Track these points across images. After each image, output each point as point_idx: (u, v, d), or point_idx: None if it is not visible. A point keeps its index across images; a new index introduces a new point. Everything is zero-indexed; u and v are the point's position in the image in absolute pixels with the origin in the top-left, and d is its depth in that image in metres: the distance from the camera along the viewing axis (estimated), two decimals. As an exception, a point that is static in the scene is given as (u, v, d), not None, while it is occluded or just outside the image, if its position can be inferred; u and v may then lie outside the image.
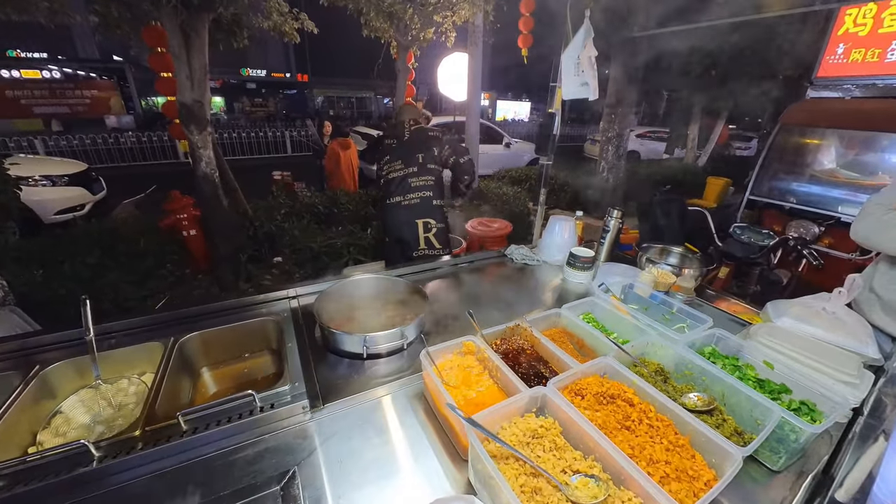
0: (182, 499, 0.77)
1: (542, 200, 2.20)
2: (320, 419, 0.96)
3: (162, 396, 1.00)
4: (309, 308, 1.42)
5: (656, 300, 1.45)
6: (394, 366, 1.18)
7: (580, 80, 1.83)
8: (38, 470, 0.80)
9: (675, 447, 0.79)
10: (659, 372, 1.08)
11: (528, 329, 1.12)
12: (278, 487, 0.77)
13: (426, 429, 0.95)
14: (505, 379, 0.93)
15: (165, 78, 3.57)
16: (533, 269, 1.92)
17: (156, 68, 3.62)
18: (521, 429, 0.80)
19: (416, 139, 2.37)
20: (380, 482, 0.82)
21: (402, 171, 2.31)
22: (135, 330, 1.26)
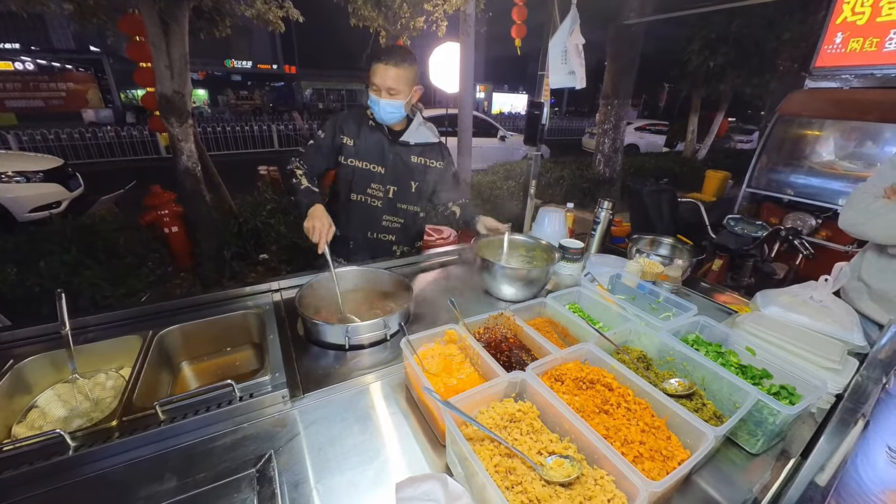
0: (159, 484, 0.77)
1: (532, 193, 2.19)
2: (300, 408, 0.96)
3: (140, 389, 0.99)
4: (292, 301, 1.41)
5: (643, 290, 1.45)
6: (377, 357, 1.17)
7: (567, 68, 1.81)
8: (13, 459, 0.80)
9: (650, 428, 0.79)
10: (641, 359, 1.08)
11: (511, 318, 1.12)
12: (254, 470, 0.77)
13: (407, 416, 0.95)
14: (485, 366, 0.93)
15: (144, 68, 3.49)
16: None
17: (134, 58, 3.54)
18: (498, 413, 0.80)
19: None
20: (360, 467, 0.82)
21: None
22: (112, 324, 1.25)
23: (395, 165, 1.79)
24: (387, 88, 1.56)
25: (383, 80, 1.55)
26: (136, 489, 0.76)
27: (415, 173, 1.82)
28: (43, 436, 0.84)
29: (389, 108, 1.62)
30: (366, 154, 1.76)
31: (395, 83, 1.55)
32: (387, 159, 1.77)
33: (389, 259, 1.84)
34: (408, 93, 1.61)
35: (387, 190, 1.81)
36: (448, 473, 0.79)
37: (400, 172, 1.80)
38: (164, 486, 0.76)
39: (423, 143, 1.80)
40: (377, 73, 1.55)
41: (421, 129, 1.80)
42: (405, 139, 1.76)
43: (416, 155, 1.80)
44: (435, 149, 1.85)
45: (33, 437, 0.84)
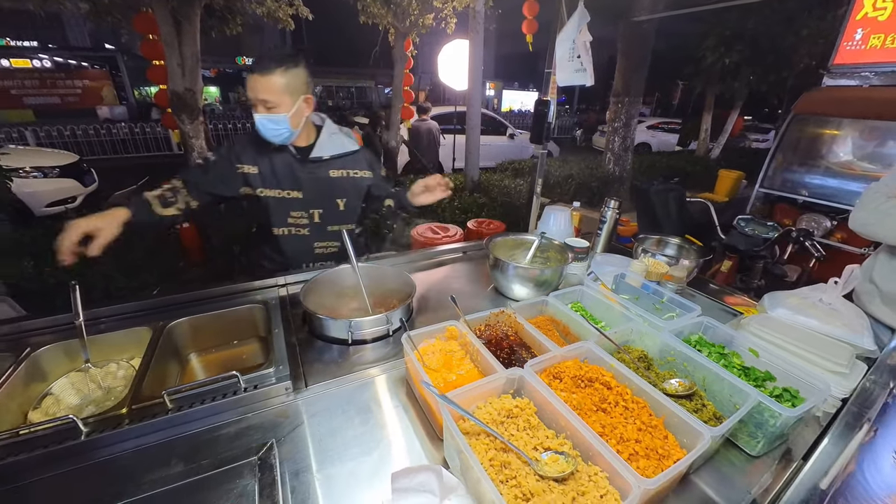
0: (166, 469, 0.80)
1: (538, 191, 2.19)
2: (303, 399, 0.98)
3: (149, 379, 1.02)
4: (297, 296, 1.44)
5: (648, 290, 1.44)
6: (379, 352, 1.19)
7: (575, 65, 1.80)
8: (28, 443, 0.83)
9: (647, 427, 0.79)
10: (642, 358, 1.07)
11: (512, 315, 1.13)
12: (256, 458, 0.79)
13: (407, 410, 0.97)
14: (484, 362, 0.94)
15: (157, 66, 3.56)
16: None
17: (147, 56, 3.61)
18: (495, 408, 0.81)
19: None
20: (360, 458, 0.83)
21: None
22: (124, 315, 1.28)
23: (314, 186, 1.57)
24: (261, 101, 1.36)
25: (254, 91, 1.35)
26: (143, 473, 0.79)
27: (338, 190, 1.61)
28: (56, 421, 0.87)
29: (270, 125, 1.40)
30: (275, 181, 1.54)
31: (268, 94, 1.34)
32: (301, 182, 1.55)
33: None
34: (290, 103, 1.39)
35: (311, 215, 1.60)
36: (445, 466, 0.80)
37: (321, 193, 1.59)
38: (170, 471, 0.79)
39: (341, 154, 1.60)
40: (248, 85, 1.36)
41: (335, 138, 1.60)
42: (317, 154, 1.55)
43: (337, 169, 1.60)
44: (357, 157, 1.64)
45: (47, 423, 0.87)
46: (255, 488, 0.72)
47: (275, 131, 1.42)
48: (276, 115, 1.38)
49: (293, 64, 1.37)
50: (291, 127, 1.43)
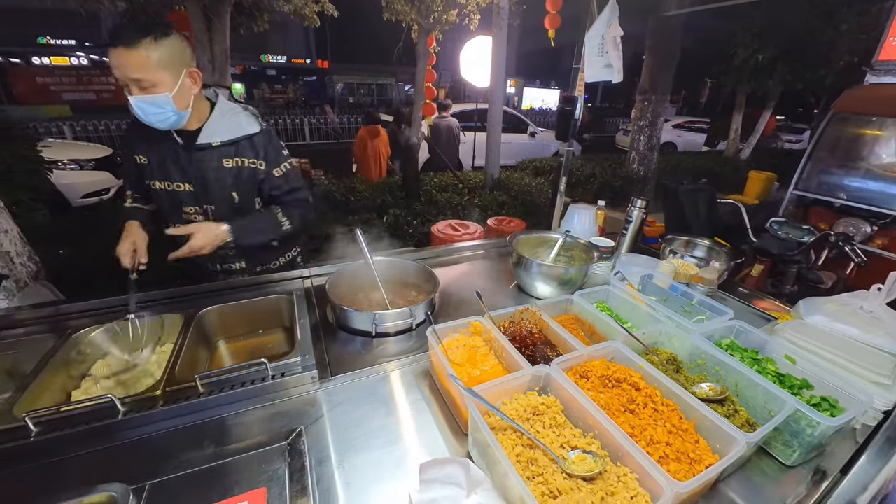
0: (198, 450, 0.82)
1: (562, 190, 2.15)
2: (328, 389, 0.99)
3: (181, 364, 1.06)
4: (322, 287, 1.46)
5: (676, 291, 1.40)
6: (402, 345, 1.20)
7: (604, 61, 1.76)
8: (70, 420, 0.87)
9: (678, 430, 0.77)
10: (671, 361, 1.05)
11: (537, 313, 1.12)
12: (285, 443, 0.81)
13: (430, 404, 0.97)
14: (509, 358, 0.93)
15: (188, 62, 3.68)
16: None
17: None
18: (521, 405, 0.80)
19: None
20: (382, 448, 0.84)
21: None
22: (157, 302, 1.33)
23: (202, 177, 1.36)
24: (133, 81, 1.13)
25: (122, 69, 1.12)
26: (177, 453, 0.82)
27: (231, 181, 1.38)
28: (96, 400, 0.91)
29: (151, 108, 1.18)
30: (163, 172, 1.35)
31: (140, 71, 1.12)
32: (189, 173, 1.35)
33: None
34: (171, 81, 1.17)
35: (204, 211, 1.41)
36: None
37: (211, 185, 1.37)
38: (202, 452, 0.81)
39: (235, 140, 1.35)
40: (112, 64, 1.13)
41: (229, 118, 1.36)
42: (204, 140, 1.32)
43: (230, 157, 1.36)
44: (254, 143, 1.38)
45: (88, 401, 0.91)
46: (285, 472, 0.73)
47: (159, 115, 1.21)
48: (156, 95, 1.16)
49: (163, 34, 1.14)
50: (178, 108, 1.22)
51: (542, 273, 1.43)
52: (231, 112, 1.38)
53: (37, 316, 1.29)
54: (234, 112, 1.39)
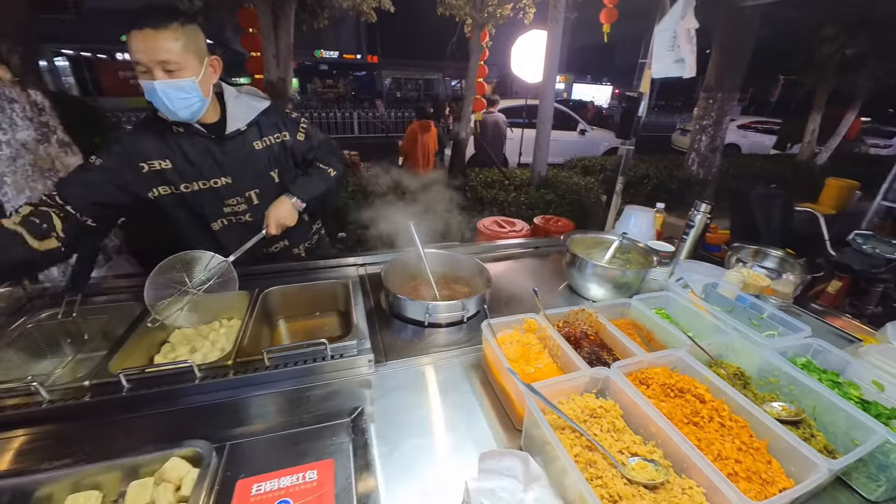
0: (267, 419, 0.89)
1: (619, 190, 2.07)
2: (382, 373, 1.03)
3: (248, 338, 1.14)
4: (375, 277, 1.51)
5: (744, 303, 1.31)
6: (453, 337, 1.21)
7: (674, 55, 1.67)
8: (156, 380, 0.97)
9: (748, 448, 0.73)
10: (738, 375, 0.99)
11: (593, 314, 1.09)
12: (348, 419, 0.85)
13: (480, 397, 0.98)
14: (566, 357, 0.92)
15: (255, 57, 3.89)
16: (602, 258, 1.84)
17: (247, 48, 3.94)
18: (579, 405, 0.79)
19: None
20: (432, 436, 0.86)
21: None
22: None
23: (241, 166, 1.36)
24: (159, 64, 1.09)
25: (148, 52, 1.07)
26: (247, 418, 0.88)
27: (268, 161, 1.41)
28: (178, 364, 1.00)
29: (177, 94, 1.14)
30: (195, 172, 1.31)
31: (168, 53, 1.08)
32: (226, 165, 1.33)
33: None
34: (197, 65, 1.15)
35: (248, 198, 1.40)
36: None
37: (250, 171, 1.38)
38: (271, 421, 0.87)
39: (256, 120, 1.37)
40: (135, 47, 1.08)
41: (241, 101, 1.36)
42: (234, 127, 1.32)
43: (257, 139, 1.37)
44: (270, 115, 1.41)
45: (170, 365, 1.00)
46: (349, 447, 0.77)
47: (184, 101, 1.16)
48: (183, 79, 1.13)
49: (188, 19, 1.14)
50: (203, 94, 1.20)
51: (597, 274, 1.39)
52: (237, 96, 1.37)
53: (125, 285, 1.42)
54: (239, 95, 1.37)
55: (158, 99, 1.14)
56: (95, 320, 1.29)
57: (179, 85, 1.13)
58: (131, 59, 1.11)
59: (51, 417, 0.90)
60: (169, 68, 1.11)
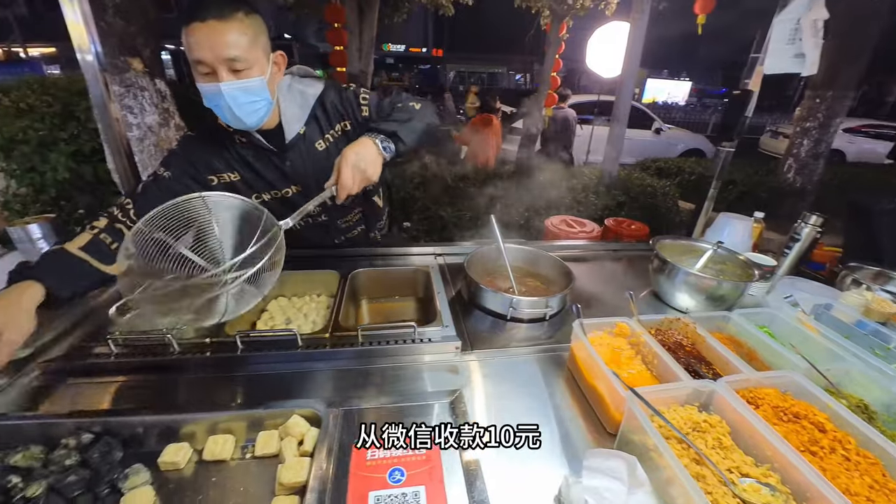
0: (363, 391, 0.95)
1: (712, 194, 1.93)
2: (469, 361, 1.06)
3: (340, 314, 1.22)
4: (453, 267, 1.55)
5: (865, 328, 1.17)
6: (533, 333, 1.21)
7: (794, 50, 1.51)
8: (264, 343, 1.07)
9: (882, 488, 0.66)
10: (861, 408, 0.89)
11: (690, 325, 1.03)
12: (447, 401, 0.89)
13: (565, 396, 0.97)
14: (663, 366, 0.88)
15: (337, 51, 4.10)
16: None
17: (332, 42, 4.15)
18: (680, 416, 0.76)
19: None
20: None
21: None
22: (315, 258, 1.52)
23: (307, 174, 1.26)
24: (224, 63, 0.95)
25: (213, 48, 0.93)
26: (346, 388, 0.95)
27: (333, 155, 1.14)
28: (284, 332, 1.10)
29: (244, 99, 1.01)
30: (265, 183, 1.24)
31: (236, 48, 0.94)
32: (292, 176, 1.25)
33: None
34: (264, 63, 1.03)
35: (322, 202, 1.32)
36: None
37: (317, 178, 1.21)
38: (368, 392, 0.94)
39: (311, 114, 1.22)
40: (198, 43, 0.93)
41: (293, 92, 1.20)
42: (291, 135, 1.20)
43: (318, 138, 1.25)
44: (327, 98, 1.23)
45: (279, 331, 1.11)
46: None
47: (252, 106, 1.04)
48: (251, 79, 1.00)
49: (251, 8, 1.00)
50: (270, 96, 1.08)
51: (689, 283, 1.32)
52: (289, 86, 1.20)
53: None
54: (290, 85, 1.20)
55: (224, 104, 1.00)
56: (211, 285, 1.45)
57: (247, 86, 1.00)
58: (191, 58, 0.96)
59: (179, 367, 1.03)
60: (236, 67, 0.97)
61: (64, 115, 3.01)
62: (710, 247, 1.48)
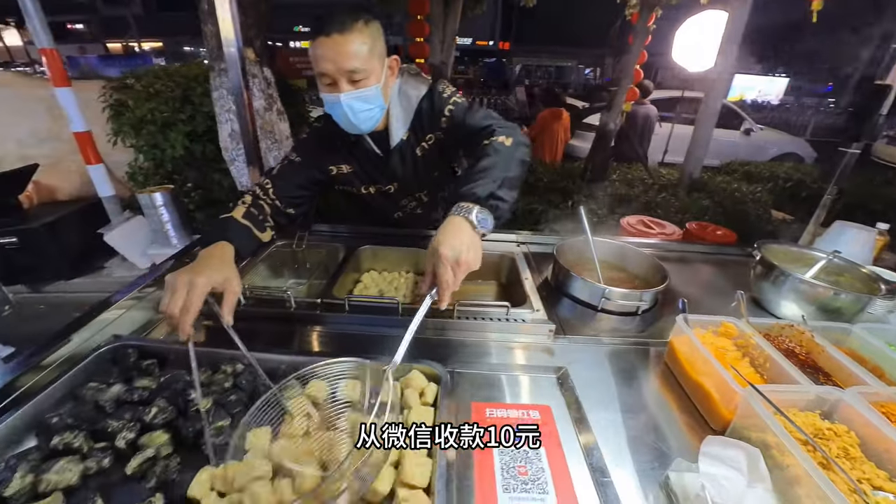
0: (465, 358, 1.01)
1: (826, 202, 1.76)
2: (562, 345, 1.08)
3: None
4: (537, 255, 1.57)
5: None
6: (624, 326, 1.20)
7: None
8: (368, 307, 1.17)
9: None
10: None
11: (807, 333, 0.98)
12: (555, 376, 0.93)
13: (663, 389, 0.96)
14: (778, 370, 0.85)
15: (418, 43, 4.22)
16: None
17: (413, 34, 4.29)
18: (801, 421, 0.74)
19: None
20: (626, 414, 0.87)
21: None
22: (407, 237, 1.60)
23: (405, 175, 1.37)
24: (345, 74, 1.02)
25: (332, 61, 1.00)
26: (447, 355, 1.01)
27: (428, 166, 1.38)
28: (387, 299, 1.20)
29: (360, 106, 1.08)
30: (369, 177, 1.36)
31: (355, 59, 1.00)
32: (392, 175, 1.35)
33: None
34: (379, 70, 1.07)
35: (418, 199, 1.49)
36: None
37: (415, 179, 1.40)
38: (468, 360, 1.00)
39: (415, 118, 1.26)
40: (322, 55, 1.01)
41: (402, 96, 1.24)
42: (397, 138, 1.26)
43: (418, 143, 1.31)
44: (426, 103, 1.24)
45: (384, 299, 1.21)
46: (562, 400, 0.85)
47: (367, 114, 1.12)
48: (367, 88, 1.06)
49: (371, 16, 1.04)
50: (384, 102, 1.15)
51: (800, 291, 1.23)
52: (399, 89, 1.24)
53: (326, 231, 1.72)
54: (398, 87, 1.24)
55: (341, 112, 1.09)
56: (316, 252, 1.60)
57: (364, 95, 1.07)
58: (316, 70, 1.04)
59: (294, 319, 1.17)
60: (355, 78, 1.03)
61: (182, 99, 3.41)
62: (825, 255, 1.36)
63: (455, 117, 1.23)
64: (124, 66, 15.11)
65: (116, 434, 0.69)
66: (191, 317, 0.79)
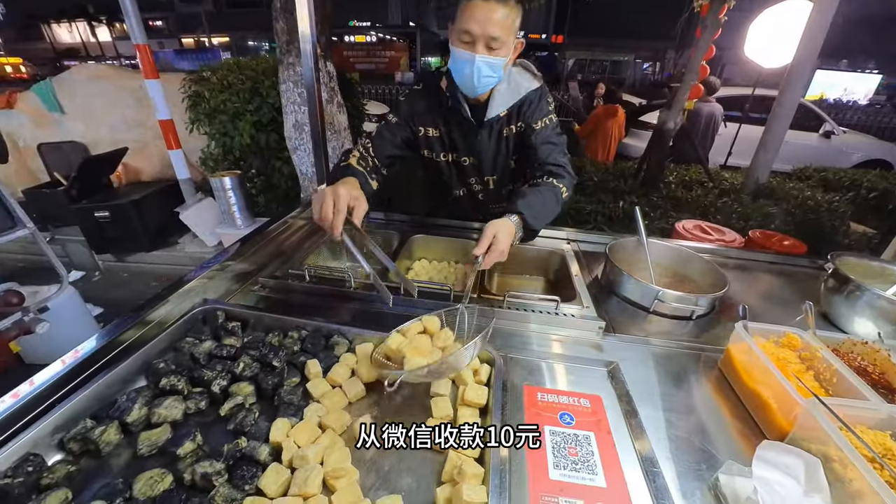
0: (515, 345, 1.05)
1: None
2: (611, 342, 1.09)
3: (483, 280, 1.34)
4: (587, 253, 1.56)
5: None
6: (677, 330, 1.18)
7: None
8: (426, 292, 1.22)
9: None
10: None
11: (882, 352, 0.92)
12: (606, 370, 0.95)
13: (713, 397, 0.94)
14: (847, 386, 0.81)
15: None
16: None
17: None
18: (868, 439, 0.71)
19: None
20: (675, 413, 0.87)
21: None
22: (459, 229, 1.66)
23: (487, 151, 1.41)
24: (487, 38, 1.10)
25: (481, 24, 1.07)
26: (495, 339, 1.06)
27: (508, 150, 1.42)
28: (439, 284, 1.26)
29: (486, 71, 1.16)
30: (452, 145, 1.42)
31: (500, 28, 1.08)
32: (475, 148, 1.40)
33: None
34: (511, 46, 1.16)
35: (485, 182, 1.52)
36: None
37: (493, 157, 1.44)
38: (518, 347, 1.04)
39: (518, 103, 1.32)
40: (471, 15, 1.07)
41: (512, 81, 1.31)
42: (493, 114, 1.31)
43: (509, 124, 1.36)
44: (532, 100, 1.33)
45: (436, 284, 1.27)
46: (612, 391, 0.88)
47: (488, 80, 1.20)
48: (498, 57, 1.14)
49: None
50: (503, 74, 1.24)
51: (878, 307, 1.14)
52: (511, 72, 1.32)
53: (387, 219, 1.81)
54: (511, 70, 1.32)
55: (469, 71, 1.16)
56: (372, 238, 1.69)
57: (493, 63, 1.15)
58: (459, 27, 1.12)
59: (352, 297, 1.25)
60: (494, 45, 1.12)
61: (252, 91, 3.66)
62: (911, 272, 1.25)
63: (542, 132, 1.34)
64: (196, 60, 16.32)
65: (212, 381, 0.80)
66: (341, 218, 0.98)
